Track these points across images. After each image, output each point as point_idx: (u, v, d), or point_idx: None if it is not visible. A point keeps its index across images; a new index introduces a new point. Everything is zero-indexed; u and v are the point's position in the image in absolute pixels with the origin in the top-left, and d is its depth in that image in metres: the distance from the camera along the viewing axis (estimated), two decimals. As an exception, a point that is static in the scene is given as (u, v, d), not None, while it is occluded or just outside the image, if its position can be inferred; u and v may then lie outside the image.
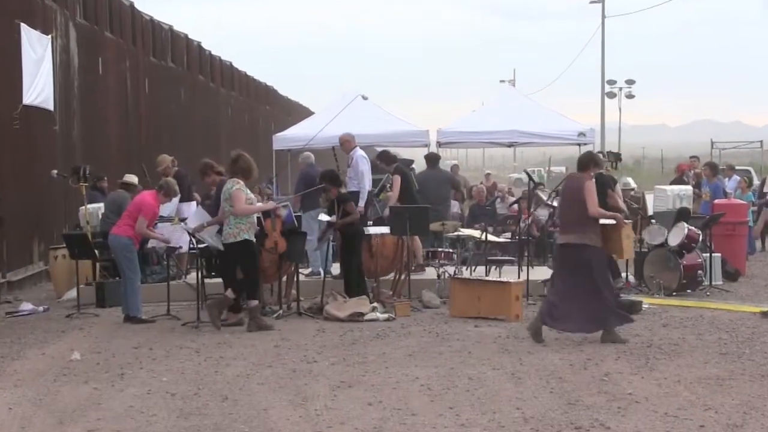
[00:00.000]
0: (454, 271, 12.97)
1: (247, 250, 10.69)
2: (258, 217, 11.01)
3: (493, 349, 9.41)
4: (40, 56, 15.35)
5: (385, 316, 11.31)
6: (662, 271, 13.35)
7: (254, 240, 10.79)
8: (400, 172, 13.84)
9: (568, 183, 10.12)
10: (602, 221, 9.69)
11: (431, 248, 13.78)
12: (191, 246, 11.48)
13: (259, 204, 11.19)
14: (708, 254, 13.90)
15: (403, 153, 24.04)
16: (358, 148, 14.15)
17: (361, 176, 13.51)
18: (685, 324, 10.85)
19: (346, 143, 14.17)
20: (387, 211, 13.51)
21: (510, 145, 23.29)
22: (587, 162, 9.84)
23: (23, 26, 14.79)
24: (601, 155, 14.65)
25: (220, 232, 10.91)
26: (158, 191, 11.62)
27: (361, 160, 13.84)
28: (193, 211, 14.47)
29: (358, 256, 11.85)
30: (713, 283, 13.72)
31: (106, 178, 15.85)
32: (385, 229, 12.46)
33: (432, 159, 16.10)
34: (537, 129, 20.30)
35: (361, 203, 13.25)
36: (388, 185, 13.64)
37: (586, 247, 9.51)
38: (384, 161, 14.19)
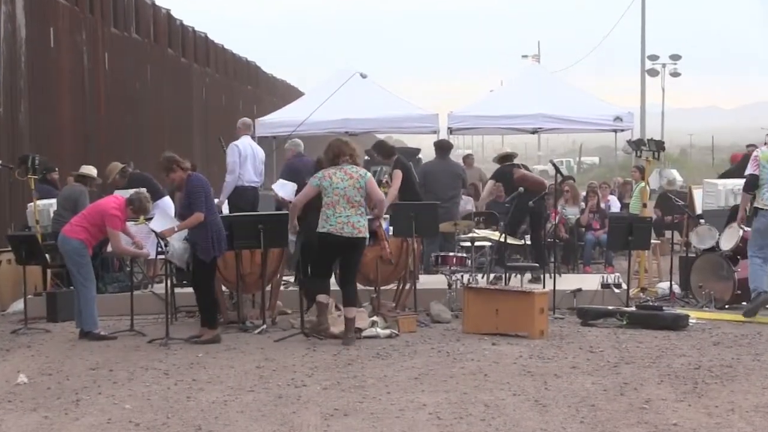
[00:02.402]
0: (468, 280, 12.96)
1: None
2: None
3: (513, 372, 9.40)
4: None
5: (387, 332, 11.30)
6: (713, 279, 13.33)
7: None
8: (401, 166, 13.88)
9: None
10: None
11: (441, 252, 13.76)
12: (159, 249, 11.47)
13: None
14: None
15: (409, 141, 24.06)
16: (246, 136, 14.81)
17: (230, 168, 14.40)
18: (739, 342, 10.84)
19: (237, 130, 15.02)
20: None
21: (534, 131, 23.33)
22: None
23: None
24: (641, 143, 14.74)
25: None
26: (127, 204, 11.57)
27: (232, 150, 14.45)
28: (167, 205, 14.51)
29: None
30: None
31: (57, 170, 15.85)
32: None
33: (443, 147, 16.08)
34: (565, 113, 20.33)
35: (223, 197, 14.19)
36: (384, 180, 13.63)
37: None
38: (381, 153, 14.22)
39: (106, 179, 14.78)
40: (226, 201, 14.53)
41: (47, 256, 12.68)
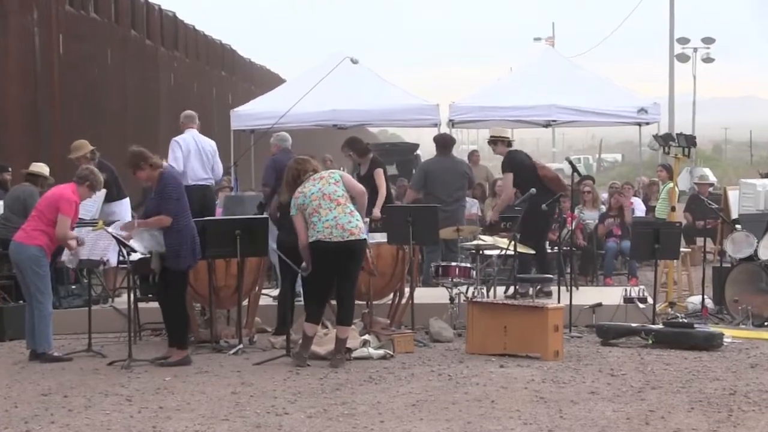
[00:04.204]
0: (473, 293, 12.97)
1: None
2: None
3: (524, 398, 9.41)
4: None
5: (381, 352, 11.31)
6: (750, 293, 13.36)
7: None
8: (380, 164, 13.95)
9: None
10: None
11: (442, 262, 13.78)
12: (121, 258, 11.46)
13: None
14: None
15: (406, 135, 24.15)
16: (190, 129, 14.89)
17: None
18: (780, 364, 10.87)
19: (180, 124, 15.13)
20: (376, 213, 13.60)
21: (547, 124, 23.34)
22: None
23: None
24: (669, 138, 14.76)
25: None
26: (78, 183, 11.60)
27: (171, 147, 14.52)
28: (125, 209, 14.51)
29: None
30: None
31: (11, 170, 15.78)
32: (381, 237, 12.46)
33: (444, 143, 16.09)
34: (583, 103, 20.34)
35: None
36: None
37: None
38: (355, 151, 14.28)
39: (70, 153, 14.56)
40: None
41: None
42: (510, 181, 14.43)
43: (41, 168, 14.19)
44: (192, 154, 14.66)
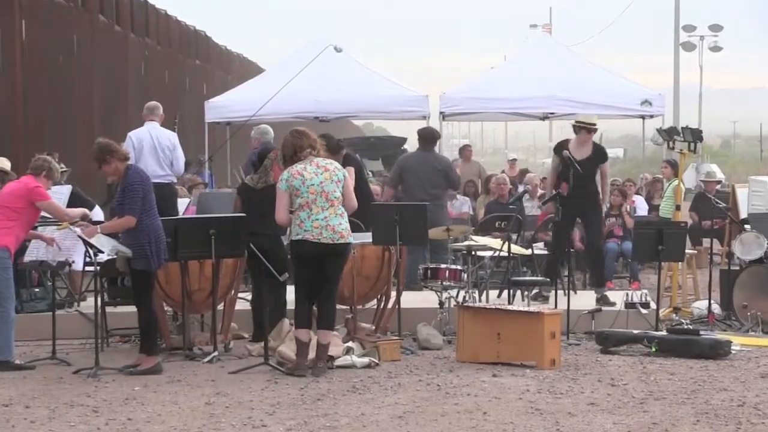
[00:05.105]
0: (464, 297, 12.98)
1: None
2: None
3: (518, 409, 9.42)
4: None
5: (365, 360, 11.31)
6: (760, 298, 13.38)
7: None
8: (353, 161, 14.00)
9: None
10: None
11: (431, 264, 13.80)
12: (87, 260, 11.44)
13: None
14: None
15: (393, 128, 24.14)
16: (150, 122, 14.77)
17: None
18: (792, 374, 10.90)
19: (142, 116, 15.04)
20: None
21: (544, 117, 23.43)
22: None
23: None
24: (673, 132, 14.78)
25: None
26: (35, 174, 11.58)
27: (126, 142, 14.34)
28: (97, 215, 14.48)
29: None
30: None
31: None
32: (365, 237, 12.46)
33: (426, 137, 16.09)
34: (582, 95, 20.40)
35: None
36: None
37: None
38: (327, 148, 14.31)
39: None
40: None
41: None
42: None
43: (2, 162, 14.15)
44: (146, 149, 14.52)
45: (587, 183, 13.78)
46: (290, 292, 11.64)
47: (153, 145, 14.67)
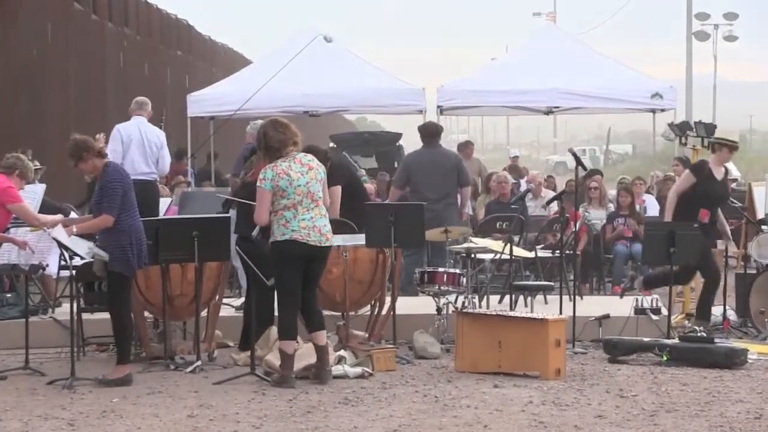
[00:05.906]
0: (463, 303, 12.98)
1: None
2: None
3: (521, 422, 9.43)
4: None
5: (358, 370, 11.32)
6: (778, 303, 13.41)
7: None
8: (340, 177, 14.04)
9: None
10: None
11: (428, 268, 13.80)
12: (62, 263, 11.43)
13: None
14: None
15: (387, 123, 24.13)
16: (137, 117, 14.97)
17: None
18: (812, 384, 10.92)
19: (129, 110, 15.25)
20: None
21: (548, 111, 23.45)
22: None
23: None
24: (686, 127, 14.79)
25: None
26: (7, 173, 11.60)
27: (112, 136, 14.56)
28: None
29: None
30: None
31: None
32: (358, 239, 12.46)
33: (428, 132, 16.11)
34: (589, 87, 20.42)
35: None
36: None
37: None
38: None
39: None
40: None
41: None
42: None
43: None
44: (134, 144, 14.64)
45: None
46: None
47: (141, 141, 14.74)
